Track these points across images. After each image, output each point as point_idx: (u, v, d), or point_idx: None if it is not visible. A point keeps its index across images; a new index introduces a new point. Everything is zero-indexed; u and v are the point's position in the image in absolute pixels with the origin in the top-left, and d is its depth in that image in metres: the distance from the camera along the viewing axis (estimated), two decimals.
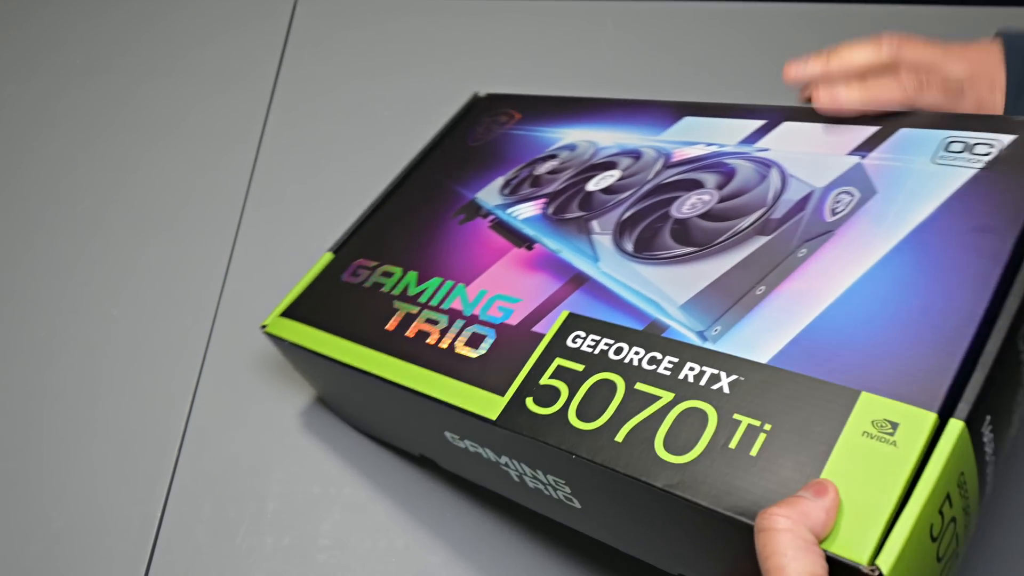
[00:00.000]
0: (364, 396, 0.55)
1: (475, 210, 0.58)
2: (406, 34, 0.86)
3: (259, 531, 0.59)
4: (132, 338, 0.68)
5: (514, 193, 0.57)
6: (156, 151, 0.79)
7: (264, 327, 0.59)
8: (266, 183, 0.76)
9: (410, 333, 0.52)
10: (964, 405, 0.35)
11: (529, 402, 0.44)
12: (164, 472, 0.62)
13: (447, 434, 0.50)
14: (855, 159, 0.47)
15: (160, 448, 0.62)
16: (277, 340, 0.58)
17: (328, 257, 0.61)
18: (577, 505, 0.46)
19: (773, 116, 0.53)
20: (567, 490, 0.45)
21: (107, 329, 0.69)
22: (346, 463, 0.61)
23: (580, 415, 0.42)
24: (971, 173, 0.43)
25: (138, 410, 0.64)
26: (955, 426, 0.35)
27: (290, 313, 0.58)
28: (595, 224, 0.51)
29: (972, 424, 0.35)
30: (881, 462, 0.35)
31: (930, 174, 0.44)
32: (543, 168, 0.58)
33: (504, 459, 0.47)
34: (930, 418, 0.35)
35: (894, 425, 0.36)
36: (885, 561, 0.33)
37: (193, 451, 0.62)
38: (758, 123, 0.53)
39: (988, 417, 0.37)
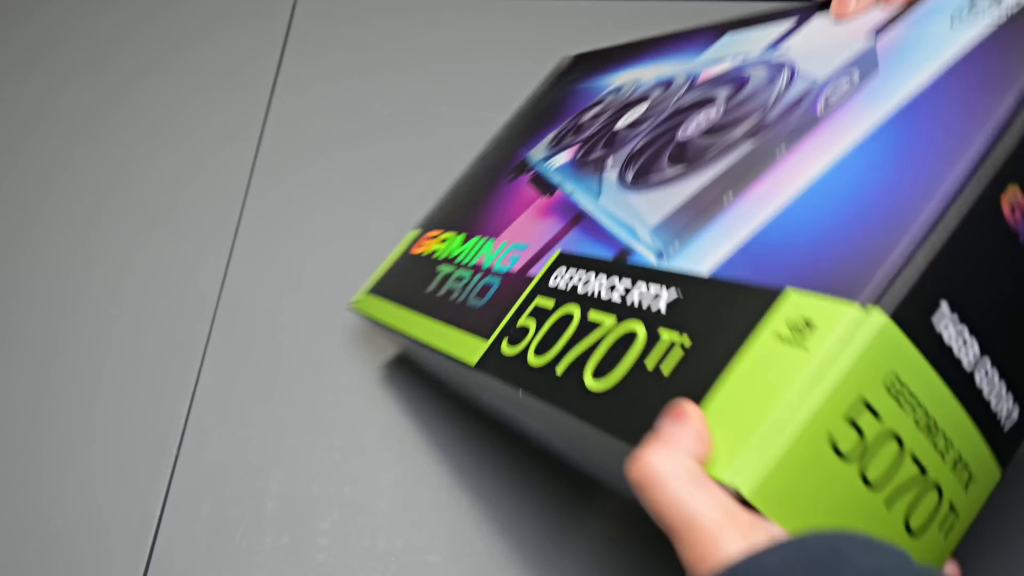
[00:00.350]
0: (426, 360, 0.57)
1: (522, 167, 0.58)
2: (407, 31, 0.86)
3: (258, 530, 0.59)
4: (131, 335, 0.68)
5: (557, 145, 0.57)
6: (156, 148, 0.79)
7: (352, 304, 0.63)
8: (266, 179, 0.76)
9: (441, 292, 0.53)
10: (893, 291, 0.29)
11: (504, 344, 0.43)
12: (163, 471, 0.62)
13: (475, 391, 0.50)
14: (870, 42, 0.41)
15: (159, 446, 0.62)
16: (363, 316, 0.61)
17: (413, 234, 0.64)
18: (566, 448, 0.44)
19: (806, 12, 0.47)
20: (550, 433, 0.43)
21: (106, 326, 0.69)
22: (345, 462, 0.61)
23: (538, 351, 0.40)
24: (991, 28, 0.35)
25: (137, 408, 0.64)
26: (873, 316, 0.28)
27: (374, 289, 0.62)
28: (610, 160, 0.50)
29: (909, 315, 0.29)
30: (783, 369, 0.29)
31: (945, 38, 0.36)
32: (587, 116, 0.57)
33: (511, 409, 0.46)
34: (847, 312, 0.29)
35: (810, 324, 0.29)
36: (748, 479, 0.28)
37: (192, 450, 0.62)
38: (789, 23, 0.48)
39: (945, 305, 0.30)
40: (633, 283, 0.38)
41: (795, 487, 0.28)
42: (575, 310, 0.40)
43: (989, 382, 0.32)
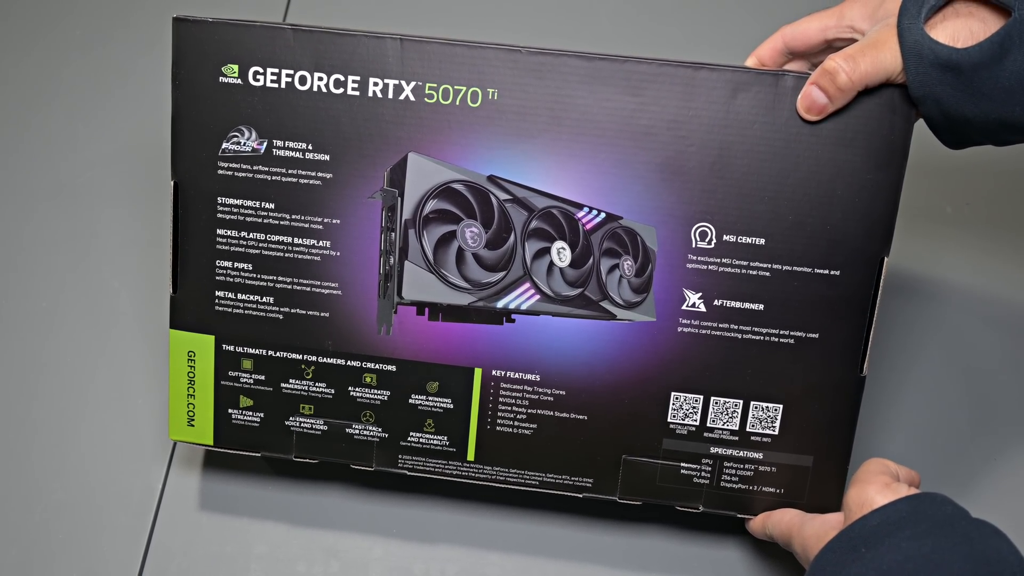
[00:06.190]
0: None
1: None
2: (403, 20, 0.85)
3: (262, 501, 0.61)
4: (134, 309, 0.68)
5: None
6: (152, 133, 0.78)
7: None
8: None
9: None
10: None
11: None
12: (165, 443, 0.63)
13: None
14: None
15: (162, 419, 0.63)
16: None
17: None
18: None
19: None
20: None
21: (108, 299, 0.69)
22: None
23: None
24: None
25: (139, 381, 0.65)
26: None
27: None
28: None
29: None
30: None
31: None
32: None
33: None
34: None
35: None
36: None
37: None
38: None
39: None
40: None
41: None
42: None
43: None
